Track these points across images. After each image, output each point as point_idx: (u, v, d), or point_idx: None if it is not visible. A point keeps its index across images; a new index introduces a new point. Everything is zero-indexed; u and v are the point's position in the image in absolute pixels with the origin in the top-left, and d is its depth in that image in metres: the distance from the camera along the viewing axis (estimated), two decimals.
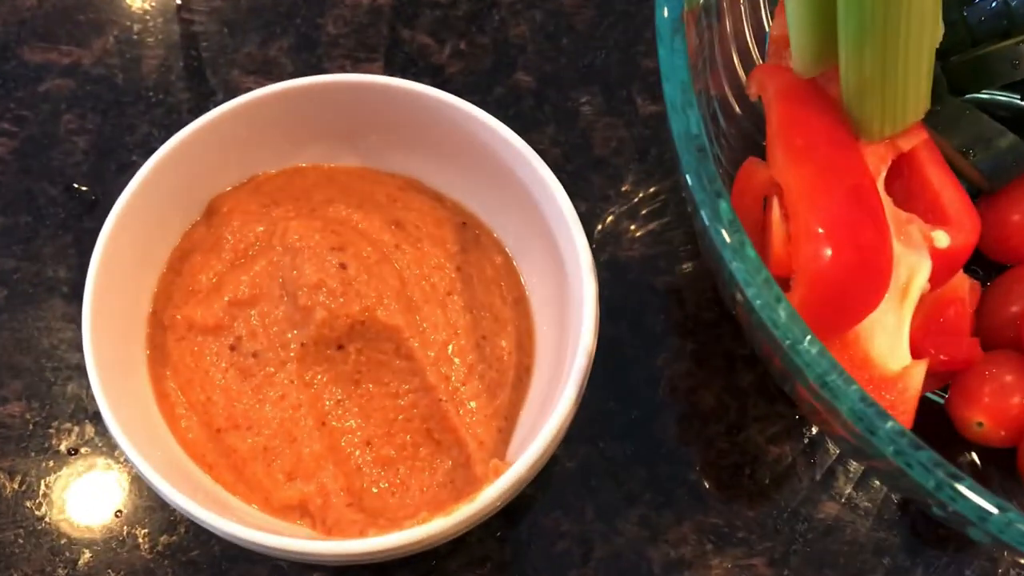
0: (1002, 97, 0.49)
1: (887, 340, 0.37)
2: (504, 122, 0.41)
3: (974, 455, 0.42)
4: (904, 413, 0.35)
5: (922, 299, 0.40)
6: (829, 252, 0.34)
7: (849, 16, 0.36)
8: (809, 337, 0.28)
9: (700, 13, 0.37)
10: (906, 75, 0.38)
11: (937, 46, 0.41)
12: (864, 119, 0.39)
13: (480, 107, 0.41)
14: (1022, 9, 0.43)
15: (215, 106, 0.41)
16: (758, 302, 0.28)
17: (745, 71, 0.44)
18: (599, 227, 0.48)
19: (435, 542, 0.35)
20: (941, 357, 0.40)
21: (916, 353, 0.39)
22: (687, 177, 0.30)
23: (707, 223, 0.29)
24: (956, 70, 0.45)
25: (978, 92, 0.46)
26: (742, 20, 0.43)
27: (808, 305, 0.35)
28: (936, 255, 0.38)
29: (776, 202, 0.37)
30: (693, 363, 0.46)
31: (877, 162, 0.40)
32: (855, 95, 0.39)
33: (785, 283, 0.36)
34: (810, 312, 0.35)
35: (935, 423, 0.41)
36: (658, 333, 0.46)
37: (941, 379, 0.41)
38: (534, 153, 0.39)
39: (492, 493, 0.34)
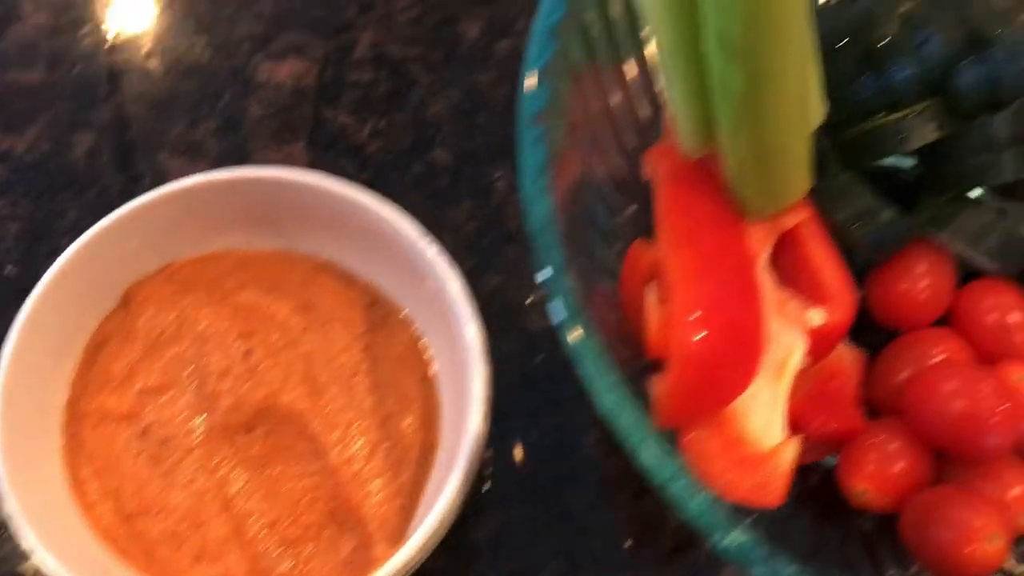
0: (907, 163, 0.50)
1: (762, 417, 0.38)
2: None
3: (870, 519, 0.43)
4: (774, 491, 0.37)
5: (807, 372, 0.42)
6: (699, 336, 0.36)
7: (722, 102, 0.38)
8: (650, 441, 0.29)
9: (569, 102, 0.39)
10: (783, 157, 0.39)
11: (818, 124, 0.43)
12: (746, 199, 0.41)
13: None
14: (907, 84, 0.45)
15: (144, 189, 0.43)
16: (603, 404, 0.30)
17: (644, 148, 0.46)
18: (512, 300, 0.49)
19: None
20: (825, 428, 0.41)
21: (802, 423, 0.41)
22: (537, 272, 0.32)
23: (554, 320, 0.31)
24: (847, 144, 0.47)
25: (870, 165, 0.47)
26: (631, 98, 0.45)
27: (679, 388, 0.36)
28: (812, 332, 0.39)
29: (654, 285, 0.39)
30: (602, 431, 0.47)
31: (760, 241, 0.41)
32: (736, 177, 0.40)
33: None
34: (682, 395, 0.37)
35: (831, 489, 0.43)
36: (569, 402, 0.48)
37: (832, 447, 0.43)
38: (428, 241, 0.41)
39: (387, 571, 0.36)
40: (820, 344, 0.40)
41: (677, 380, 0.36)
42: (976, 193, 0.45)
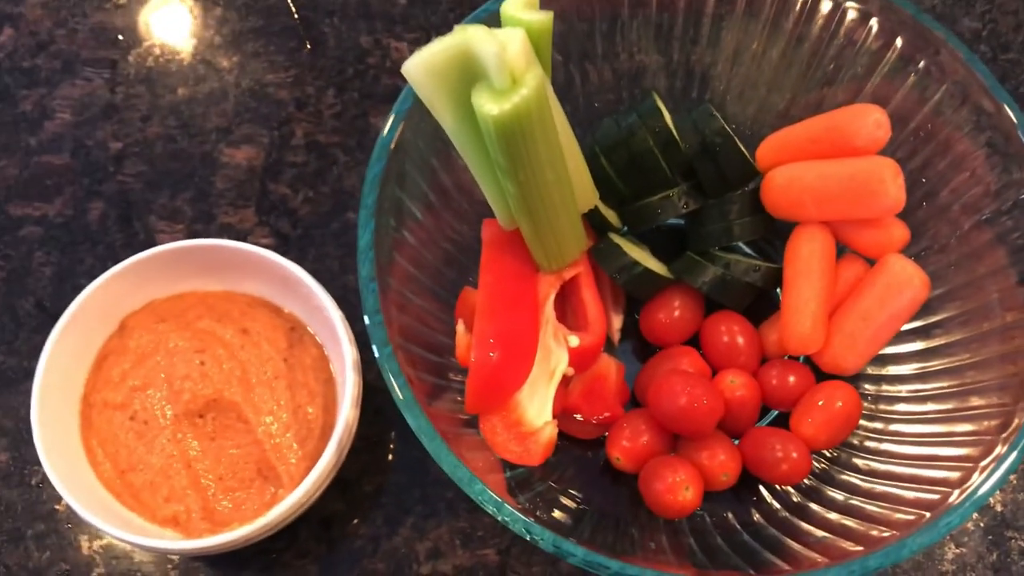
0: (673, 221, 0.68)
1: (537, 406, 0.57)
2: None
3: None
4: (536, 454, 0.56)
5: (581, 376, 0.61)
6: (484, 355, 0.55)
7: (509, 200, 0.57)
8: (446, 452, 0.49)
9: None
10: (556, 232, 0.58)
11: (591, 207, 0.62)
12: (538, 259, 0.60)
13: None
14: (660, 175, 0.63)
15: (139, 243, 0.63)
16: (409, 420, 0.49)
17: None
18: None
19: (256, 536, 0.56)
20: (595, 414, 0.61)
21: (578, 411, 0.60)
22: (366, 318, 0.51)
23: (381, 368, 0.50)
24: (628, 215, 0.65)
25: (646, 229, 0.66)
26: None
27: (474, 388, 0.55)
28: (573, 351, 0.58)
29: (462, 319, 0.58)
30: None
31: (548, 287, 0.60)
32: (530, 244, 0.59)
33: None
34: (475, 393, 0.56)
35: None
36: None
37: (604, 428, 0.62)
38: (318, 285, 0.60)
39: (282, 506, 0.56)
40: (580, 358, 0.59)
41: (471, 383, 0.55)
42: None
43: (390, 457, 0.66)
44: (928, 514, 0.50)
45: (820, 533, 0.54)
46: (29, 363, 0.68)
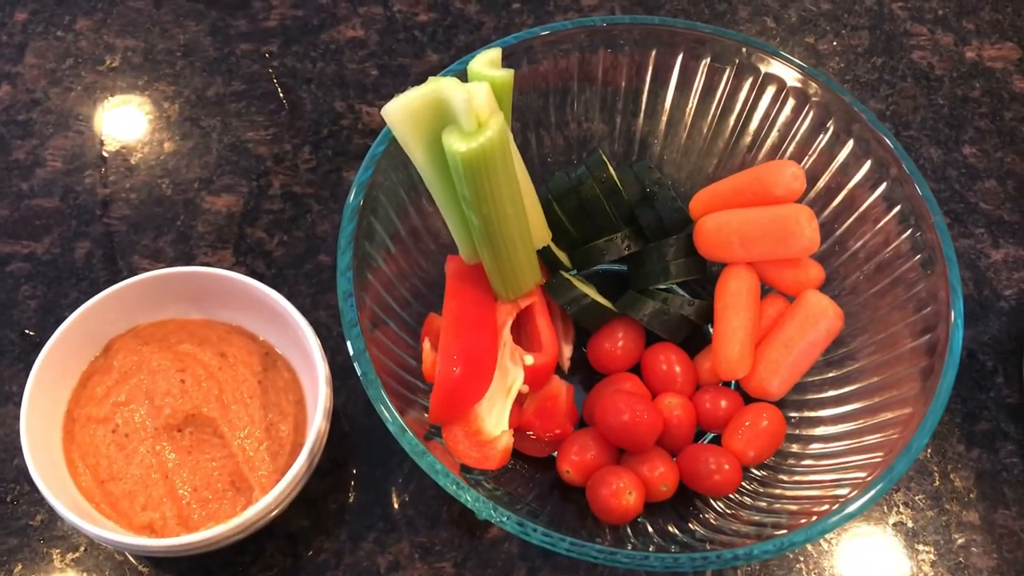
0: (615, 266, 0.76)
1: (494, 418, 0.63)
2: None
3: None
4: (494, 459, 0.61)
5: (534, 395, 0.67)
6: (448, 370, 0.61)
7: (472, 233, 0.64)
8: (422, 451, 0.54)
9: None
10: (514, 265, 0.65)
11: (544, 244, 0.69)
12: (497, 290, 0.66)
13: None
14: (606, 220, 0.71)
15: (122, 279, 0.67)
16: (391, 427, 0.55)
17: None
18: None
19: (228, 537, 0.60)
20: (546, 431, 0.66)
21: (531, 428, 0.66)
22: (344, 330, 0.57)
23: (359, 371, 0.56)
24: (578, 256, 0.73)
25: (593, 268, 0.73)
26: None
27: (438, 400, 0.61)
28: (528, 368, 0.64)
29: (428, 338, 0.64)
30: None
31: (505, 315, 0.66)
32: (490, 275, 0.66)
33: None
34: (439, 404, 0.61)
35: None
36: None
37: (554, 445, 0.67)
38: (291, 306, 0.66)
39: (256, 508, 0.60)
40: (535, 376, 0.65)
41: (436, 394, 0.61)
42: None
43: (353, 479, 0.70)
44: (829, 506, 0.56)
45: (745, 529, 0.60)
46: (11, 388, 0.72)
